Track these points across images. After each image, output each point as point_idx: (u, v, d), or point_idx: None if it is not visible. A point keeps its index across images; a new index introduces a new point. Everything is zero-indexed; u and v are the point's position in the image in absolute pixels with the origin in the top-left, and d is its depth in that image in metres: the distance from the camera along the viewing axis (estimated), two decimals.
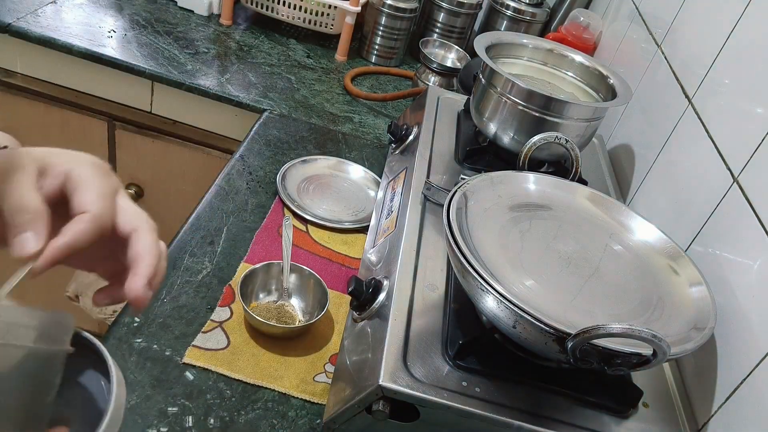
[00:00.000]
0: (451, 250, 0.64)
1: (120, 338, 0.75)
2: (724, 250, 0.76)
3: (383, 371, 0.62)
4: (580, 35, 1.47)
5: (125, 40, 1.35)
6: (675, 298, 0.69)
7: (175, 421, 0.68)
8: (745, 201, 0.74)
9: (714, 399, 0.69)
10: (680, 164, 0.94)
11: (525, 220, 0.76)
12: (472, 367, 0.66)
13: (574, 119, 0.93)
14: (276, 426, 0.71)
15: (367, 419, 0.64)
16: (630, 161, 1.12)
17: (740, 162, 0.77)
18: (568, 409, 0.66)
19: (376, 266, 0.83)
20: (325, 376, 0.78)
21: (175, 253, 0.89)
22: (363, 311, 0.74)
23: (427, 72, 1.45)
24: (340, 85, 1.45)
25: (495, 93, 0.96)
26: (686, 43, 1.05)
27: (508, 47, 1.08)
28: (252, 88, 1.33)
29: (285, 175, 1.08)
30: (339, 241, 1.00)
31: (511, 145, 0.97)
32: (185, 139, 1.38)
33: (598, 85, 1.04)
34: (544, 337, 0.58)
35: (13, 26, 1.28)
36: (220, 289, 0.85)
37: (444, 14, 1.62)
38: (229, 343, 0.78)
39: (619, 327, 0.53)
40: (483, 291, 0.60)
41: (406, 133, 1.09)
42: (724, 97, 0.87)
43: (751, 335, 0.66)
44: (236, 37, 1.52)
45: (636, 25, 1.30)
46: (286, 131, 1.23)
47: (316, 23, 1.54)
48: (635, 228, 0.78)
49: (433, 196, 0.89)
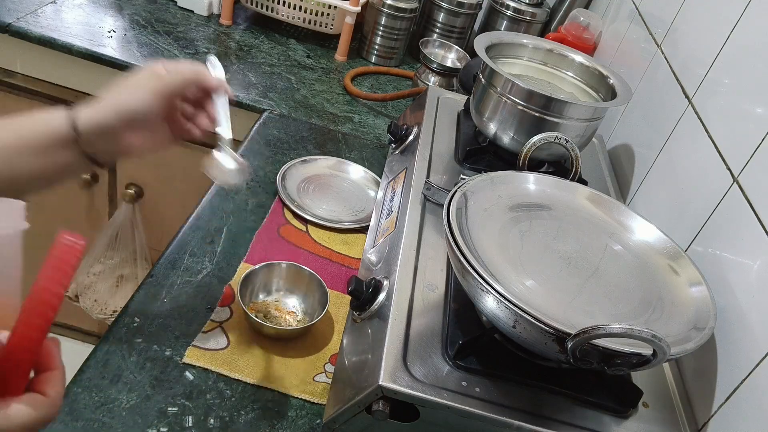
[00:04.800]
0: (451, 250, 0.64)
1: (120, 338, 0.75)
2: (724, 250, 0.76)
3: (383, 371, 0.62)
4: (580, 35, 1.47)
5: (125, 40, 1.35)
6: (675, 298, 0.69)
7: (175, 421, 0.68)
8: (745, 201, 0.74)
9: (714, 399, 0.69)
10: (680, 164, 0.94)
11: (525, 220, 0.76)
12: (472, 367, 0.66)
13: (574, 119, 0.93)
14: (276, 426, 0.71)
15: (367, 419, 0.64)
16: (630, 161, 1.12)
17: (740, 162, 0.77)
18: (568, 409, 0.66)
19: (376, 266, 0.83)
20: (325, 376, 0.78)
21: (175, 253, 0.89)
22: (363, 311, 0.74)
23: (427, 72, 1.45)
24: (340, 85, 1.45)
25: (495, 93, 0.96)
26: (686, 43, 1.05)
27: (508, 47, 1.08)
28: (252, 88, 1.33)
29: (285, 175, 1.08)
30: (339, 241, 1.00)
31: (511, 145, 0.97)
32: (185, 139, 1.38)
33: (598, 85, 1.04)
34: (544, 337, 0.58)
35: (13, 26, 1.28)
36: (220, 289, 0.85)
37: (444, 14, 1.62)
38: (229, 343, 0.78)
39: (619, 327, 0.53)
40: (483, 291, 0.60)
41: (406, 133, 1.09)
42: (724, 97, 0.87)
43: (751, 335, 0.66)
44: (236, 37, 1.52)
45: (636, 25, 1.30)
46: (286, 131, 1.23)
47: (316, 23, 1.54)
48: (635, 228, 0.78)
49: (433, 196, 0.89)
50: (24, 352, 0.39)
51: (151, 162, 1.42)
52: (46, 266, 0.40)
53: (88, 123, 0.63)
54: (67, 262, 0.40)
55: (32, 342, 0.39)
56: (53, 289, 0.39)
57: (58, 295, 0.39)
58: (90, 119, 0.63)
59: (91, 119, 0.63)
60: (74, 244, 0.41)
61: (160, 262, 0.87)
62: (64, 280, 0.40)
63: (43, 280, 0.39)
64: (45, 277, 0.39)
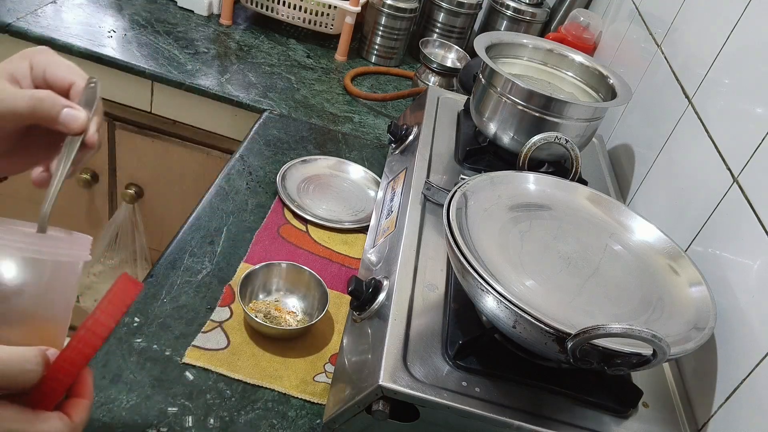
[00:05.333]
0: (451, 250, 0.64)
1: (120, 338, 0.75)
2: (724, 250, 0.76)
3: (383, 371, 0.62)
4: (580, 35, 1.47)
5: (125, 40, 1.35)
6: (675, 298, 0.69)
7: (175, 421, 0.68)
8: (745, 201, 0.74)
9: (714, 399, 0.69)
10: (680, 164, 0.94)
11: (525, 220, 0.76)
12: (472, 367, 0.66)
13: (574, 119, 0.93)
14: (276, 426, 0.71)
15: (367, 419, 0.64)
16: (630, 161, 1.12)
17: (740, 162, 0.77)
18: (568, 409, 0.66)
19: (376, 266, 0.83)
20: (325, 376, 0.78)
21: (175, 253, 0.89)
22: (363, 311, 0.74)
23: (427, 72, 1.45)
24: (340, 85, 1.45)
25: (495, 93, 0.96)
26: (686, 43, 1.05)
27: (508, 47, 1.08)
28: (252, 88, 1.33)
29: (285, 175, 1.08)
30: (339, 241, 1.00)
31: (511, 145, 0.97)
32: (185, 139, 1.38)
33: (598, 85, 1.04)
34: (544, 337, 0.58)
35: (13, 26, 1.28)
36: (220, 289, 0.85)
37: (444, 14, 1.62)
38: (229, 343, 0.78)
39: (619, 327, 0.53)
40: (483, 291, 0.60)
41: (406, 133, 1.09)
42: (724, 97, 0.87)
43: (751, 335, 0.66)
44: (236, 37, 1.52)
45: (636, 25, 1.30)
46: (286, 131, 1.23)
47: (316, 23, 1.54)
48: (635, 228, 0.78)
49: (433, 196, 0.89)
50: (66, 374, 0.42)
51: (151, 162, 1.42)
52: (104, 300, 0.42)
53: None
54: (124, 301, 0.43)
55: (75, 367, 0.42)
56: (106, 323, 0.42)
57: (109, 328, 0.42)
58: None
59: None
60: (134, 285, 0.44)
61: (160, 262, 0.87)
62: (118, 316, 0.43)
63: (99, 312, 0.42)
64: (101, 310, 0.42)
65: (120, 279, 0.44)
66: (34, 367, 0.40)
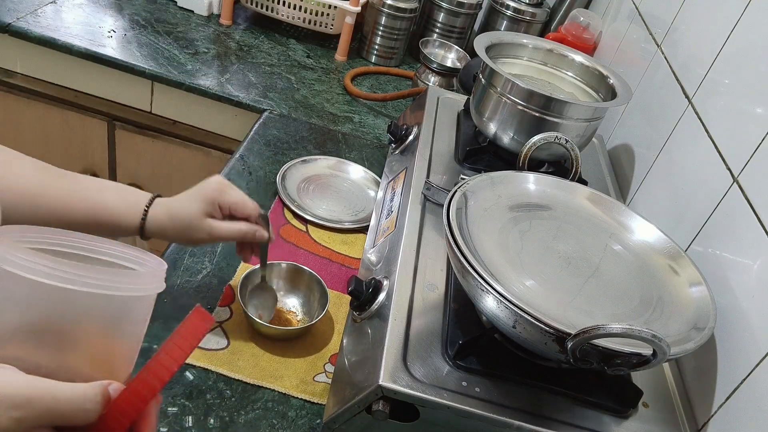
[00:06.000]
0: (451, 250, 0.64)
1: None
2: (724, 250, 0.76)
3: (383, 371, 0.62)
4: (580, 35, 1.47)
5: (125, 40, 1.35)
6: (675, 298, 0.69)
7: (175, 421, 0.68)
8: (745, 201, 0.74)
9: (714, 399, 0.69)
10: (680, 164, 0.94)
11: (525, 220, 0.76)
12: (472, 367, 0.66)
13: (574, 119, 0.93)
14: (276, 426, 0.71)
15: (367, 419, 0.64)
16: (630, 161, 1.12)
17: (740, 162, 0.77)
18: (568, 409, 0.66)
19: (376, 266, 0.83)
20: (325, 376, 0.78)
21: (175, 253, 0.89)
22: (363, 311, 0.74)
23: (427, 72, 1.45)
24: (340, 85, 1.45)
25: (495, 93, 0.96)
26: (686, 43, 1.05)
27: (508, 47, 1.08)
28: (252, 88, 1.33)
29: (285, 175, 1.08)
30: (339, 241, 0.99)
31: (511, 145, 0.97)
32: (185, 139, 1.38)
33: (598, 85, 1.04)
34: (544, 337, 0.58)
35: (13, 26, 1.28)
36: (220, 289, 0.85)
37: (444, 14, 1.62)
38: (229, 343, 0.78)
39: (619, 327, 0.53)
40: (483, 291, 0.60)
41: (406, 133, 1.09)
42: (724, 97, 0.87)
43: (751, 335, 0.66)
44: (236, 37, 1.52)
45: (636, 25, 1.30)
46: (286, 131, 1.23)
47: (316, 23, 1.54)
48: (635, 228, 0.78)
49: (433, 196, 0.89)
50: (132, 407, 0.41)
51: (151, 162, 1.42)
52: (176, 334, 0.42)
53: (154, 229, 0.73)
54: (195, 335, 0.43)
55: (141, 400, 0.41)
56: (176, 357, 0.41)
57: (178, 362, 0.41)
58: (157, 227, 0.73)
59: (158, 227, 0.73)
60: (206, 320, 0.43)
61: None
62: (188, 350, 0.42)
63: (170, 346, 0.41)
64: (173, 343, 0.41)
65: (193, 313, 0.43)
66: (93, 407, 0.40)
